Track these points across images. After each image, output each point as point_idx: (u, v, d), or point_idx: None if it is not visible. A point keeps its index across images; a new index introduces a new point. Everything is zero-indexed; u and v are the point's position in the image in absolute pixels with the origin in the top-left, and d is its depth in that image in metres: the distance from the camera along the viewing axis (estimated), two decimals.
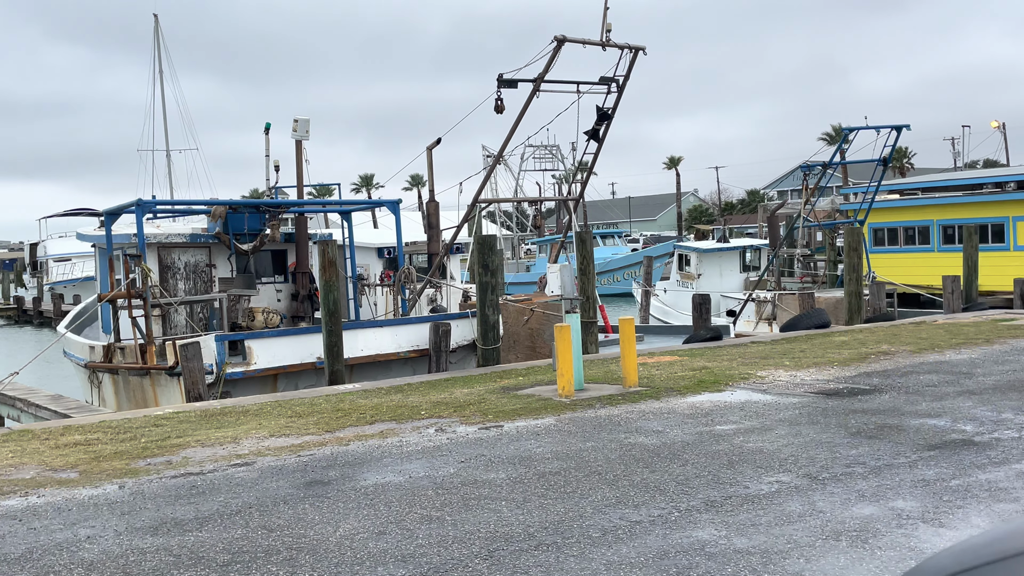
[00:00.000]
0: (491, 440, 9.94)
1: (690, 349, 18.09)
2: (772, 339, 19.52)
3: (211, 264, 20.16)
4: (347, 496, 7.72)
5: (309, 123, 20.62)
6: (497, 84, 19.79)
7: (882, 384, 12.91)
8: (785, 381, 13.47)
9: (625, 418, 11.00)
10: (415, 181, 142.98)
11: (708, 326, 19.87)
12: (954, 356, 15.69)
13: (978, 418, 10.18)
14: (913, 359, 15.52)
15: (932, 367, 14.47)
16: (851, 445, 9.03)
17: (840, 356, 16.17)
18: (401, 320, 17.52)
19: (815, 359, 15.89)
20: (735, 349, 17.81)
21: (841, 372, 14.30)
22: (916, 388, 12.44)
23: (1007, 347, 16.58)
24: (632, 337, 12.98)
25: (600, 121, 22.27)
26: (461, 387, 14.07)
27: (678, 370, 14.97)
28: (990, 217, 37.00)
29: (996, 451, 8.54)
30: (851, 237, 22.47)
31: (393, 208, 20.29)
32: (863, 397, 11.91)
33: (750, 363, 15.63)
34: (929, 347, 17.00)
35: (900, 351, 16.62)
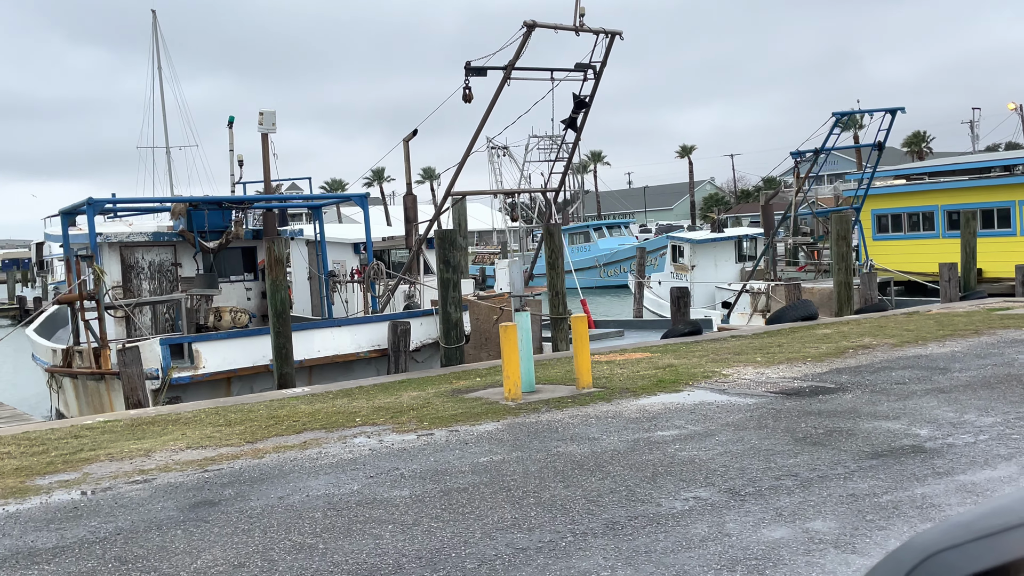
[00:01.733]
0: (414, 451, 9.34)
1: (664, 345, 17.43)
2: (753, 333, 18.82)
3: (176, 263, 19.66)
4: (229, 519, 7.14)
5: (275, 115, 20.06)
6: (465, 72, 19.14)
7: (850, 382, 12.22)
8: (749, 380, 12.81)
9: (566, 424, 10.38)
10: (427, 174, 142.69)
11: (686, 320, 19.17)
12: (936, 349, 14.97)
13: (937, 420, 9.50)
14: (892, 353, 14.81)
15: (909, 362, 13.76)
16: (791, 453, 8.38)
17: (817, 351, 15.47)
18: (360, 319, 16.96)
19: (790, 355, 15.21)
20: (710, 344, 17.13)
21: (812, 369, 13.61)
22: (884, 386, 11.75)
23: (994, 339, 15.83)
24: (584, 336, 12.34)
25: (577, 109, 21.59)
26: (412, 390, 13.48)
27: (642, 369, 14.32)
28: (996, 201, 36.03)
29: (943, 459, 7.87)
30: (839, 225, 21.69)
31: (360, 203, 19.70)
32: (824, 397, 11.23)
33: (721, 360, 14.96)
34: (913, 340, 16.27)
35: (882, 344, 15.90)
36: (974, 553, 1.47)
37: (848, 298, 21.56)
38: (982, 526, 1.50)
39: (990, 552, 1.46)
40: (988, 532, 1.48)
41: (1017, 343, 15.10)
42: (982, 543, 1.47)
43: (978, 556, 1.46)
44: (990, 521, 1.51)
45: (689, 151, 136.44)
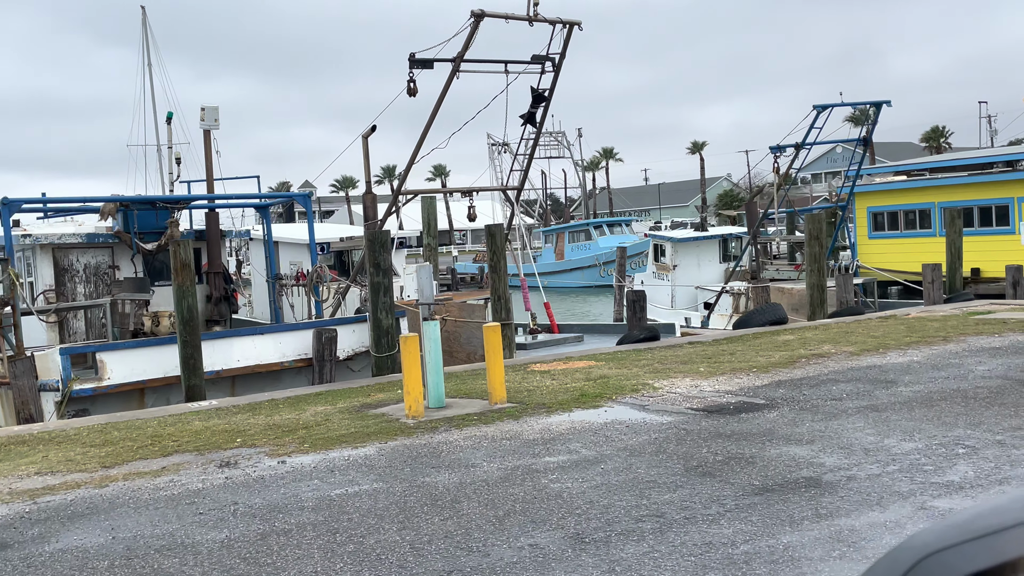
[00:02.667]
0: (270, 480, 8.48)
1: (613, 353, 16.49)
2: (713, 339, 17.84)
3: (114, 266, 18.86)
4: (4, 569, 6.29)
5: (217, 111, 19.23)
6: (409, 64, 18.24)
7: (784, 397, 11.27)
8: (679, 393, 11.87)
9: (456, 447, 9.49)
10: (438, 172, 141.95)
11: (643, 326, 18.21)
12: (896, 359, 13.98)
13: (852, 445, 8.54)
14: (846, 363, 13.83)
15: (859, 373, 12.79)
16: (671, 487, 7.45)
17: (768, 360, 14.51)
18: (285, 326, 16.11)
19: (737, 364, 14.25)
20: (661, 352, 16.18)
21: (752, 381, 12.66)
22: (817, 402, 10.79)
23: (961, 347, 14.82)
24: (497, 348, 11.44)
25: (536, 104, 20.66)
26: (322, 404, 12.63)
27: (573, 380, 13.40)
28: (994, 198, 34.79)
29: (833, 497, 6.93)
30: (811, 224, 20.65)
31: (304, 202, 18.84)
32: (747, 415, 10.29)
33: (662, 370, 14.02)
34: (875, 347, 15.27)
35: (840, 353, 14.92)
36: (970, 553, 1.48)
37: (822, 301, 20.53)
38: (979, 526, 1.51)
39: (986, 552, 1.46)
40: (984, 532, 1.49)
41: (981, 352, 14.09)
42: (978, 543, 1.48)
43: (974, 556, 1.47)
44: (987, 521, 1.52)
45: (700, 147, 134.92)
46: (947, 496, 6.77)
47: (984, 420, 9.35)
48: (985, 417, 9.49)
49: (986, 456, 7.89)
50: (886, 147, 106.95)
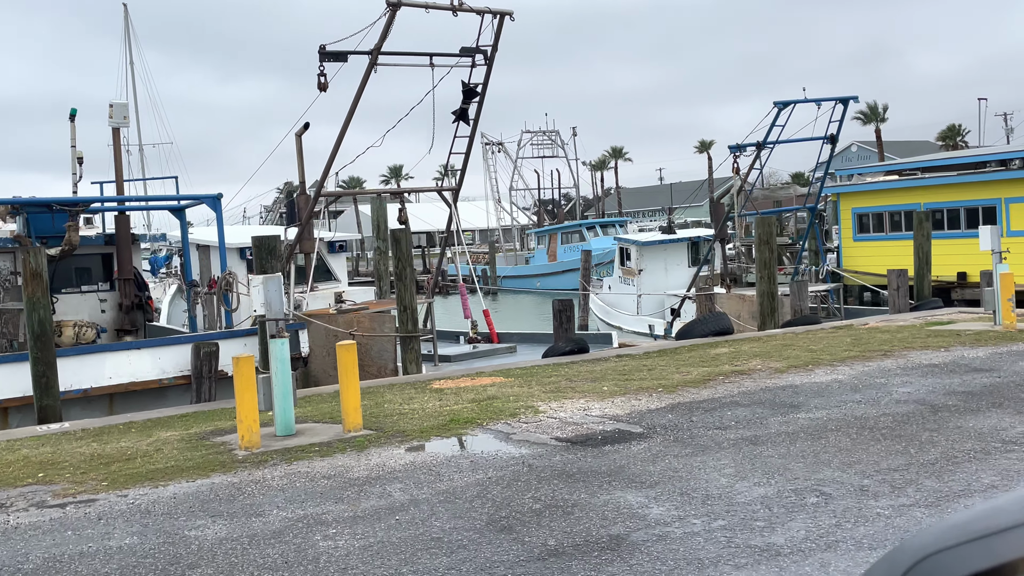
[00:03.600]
0: (18, 531, 7.36)
1: (529, 367, 15.31)
2: (645, 352, 16.62)
3: (16, 272, 17.80)
4: None
5: (127, 108, 18.15)
6: (319, 57, 17.10)
7: (667, 424, 10.07)
8: (559, 419, 10.69)
9: (263, 487, 8.37)
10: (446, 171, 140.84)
11: (570, 337, 16.99)
12: (820, 378, 12.76)
13: (696, 491, 7.35)
14: (764, 382, 12.62)
15: (769, 395, 11.58)
16: (453, 547, 6.30)
17: (684, 378, 13.30)
18: (163, 339, 14.99)
19: (648, 382, 13.06)
20: (577, 367, 14.99)
21: (650, 403, 11.47)
22: (698, 431, 9.59)
23: (897, 363, 13.60)
24: (350, 369, 10.28)
25: (467, 99, 19.52)
26: (174, 428, 11.53)
27: (457, 401, 12.24)
28: (981, 199, 33.33)
29: (621, 566, 5.77)
30: (762, 228, 19.36)
31: (213, 204, 17.73)
32: (611, 448, 9.10)
33: (564, 389, 12.84)
34: (806, 363, 14.05)
35: (765, 369, 13.70)
36: (969, 555, 1.47)
37: (772, 310, 19.25)
38: (977, 527, 1.51)
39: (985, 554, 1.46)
40: (983, 533, 1.49)
41: (914, 371, 12.84)
42: (977, 544, 1.48)
43: (973, 558, 1.47)
44: (985, 522, 1.52)
45: (708, 146, 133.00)
46: (753, 567, 5.57)
47: (864, 458, 8.13)
48: (868, 454, 8.27)
49: (835, 508, 6.69)
50: (902, 146, 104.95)
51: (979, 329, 16.81)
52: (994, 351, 14.21)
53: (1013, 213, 32.21)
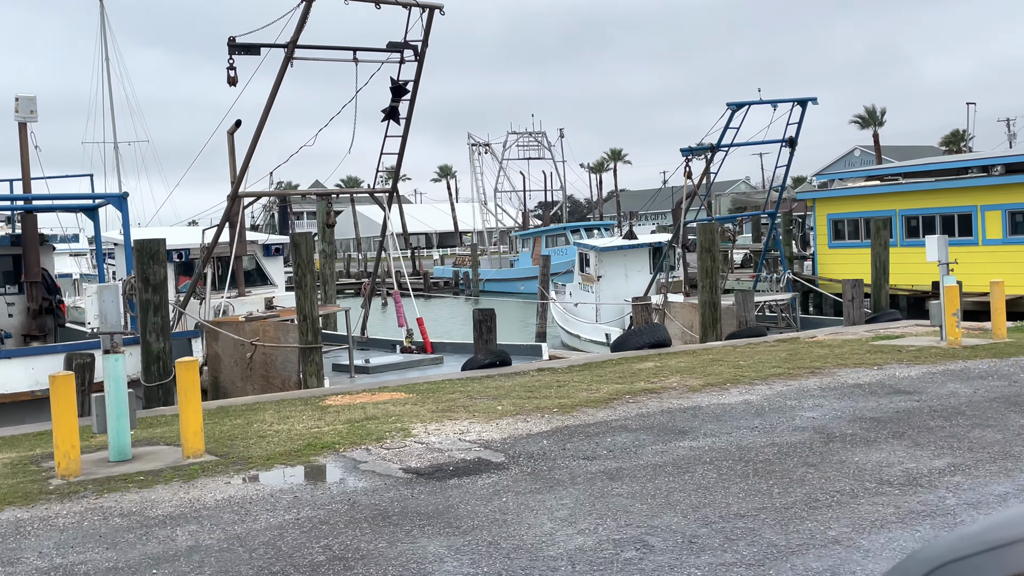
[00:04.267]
0: None
1: (437, 382, 14.40)
2: (568, 365, 15.67)
3: None
4: None
5: (35, 101, 17.22)
6: (228, 50, 16.18)
7: (536, 452, 9.16)
8: (427, 444, 9.79)
9: (46, 526, 7.50)
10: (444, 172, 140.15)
11: (490, 349, 16.03)
12: (731, 398, 11.86)
13: (510, 539, 6.45)
14: (672, 401, 11.70)
15: (665, 417, 10.66)
16: None
17: (589, 396, 12.38)
18: (36, 349, 14.07)
19: (549, 401, 12.15)
20: (484, 383, 14.06)
21: (535, 426, 10.56)
22: (562, 461, 8.69)
23: (820, 383, 12.69)
24: (191, 389, 9.35)
25: (397, 96, 18.59)
26: (12, 450, 10.61)
27: (333, 420, 11.34)
28: (957, 206, 32.31)
29: None
30: (704, 235, 18.41)
31: (119, 204, 16.81)
32: (456, 481, 8.21)
33: (453, 409, 11.94)
34: (726, 381, 13.13)
35: (679, 388, 12.78)
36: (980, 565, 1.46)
37: (714, 320, 18.30)
38: (989, 538, 1.50)
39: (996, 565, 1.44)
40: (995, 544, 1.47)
41: (833, 392, 11.91)
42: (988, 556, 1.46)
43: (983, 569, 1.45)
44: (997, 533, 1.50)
45: None
46: None
47: (718, 499, 7.20)
48: (725, 494, 7.34)
49: (646, 566, 5.79)
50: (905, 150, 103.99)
51: (923, 345, 15.85)
52: (928, 371, 13.26)
53: (988, 221, 31.19)
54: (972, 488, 7.20)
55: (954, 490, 7.17)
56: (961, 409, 10.38)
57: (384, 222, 20.50)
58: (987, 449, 8.46)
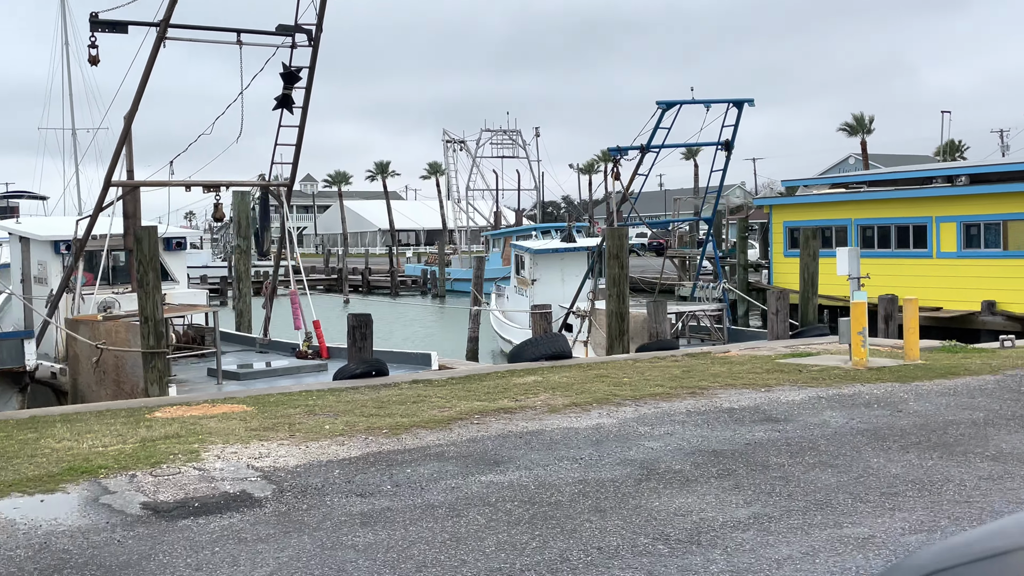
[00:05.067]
0: None
1: (290, 393, 13.25)
2: (447, 378, 14.49)
3: None
4: None
5: None
6: (91, 26, 14.99)
7: (314, 485, 8.05)
8: (205, 471, 8.67)
9: None
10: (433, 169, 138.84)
11: (364, 358, 14.86)
12: (585, 421, 10.82)
13: None
14: (520, 423, 10.62)
15: (496, 443, 9.59)
16: None
17: (438, 414, 11.28)
18: None
19: (393, 419, 11.09)
20: (339, 396, 12.95)
21: (345, 450, 9.48)
22: (332, 499, 7.57)
23: (691, 406, 11.60)
24: None
25: (289, 83, 17.43)
26: None
27: (136, 436, 10.17)
28: (912, 217, 31.18)
29: None
30: (611, 240, 17.26)
31: None
32: (186, 522, 7.09)
33: (275, 427, 10.82)
34: (594, 400, 12.08)
35: (543, 406, 11.72)
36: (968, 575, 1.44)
37: (621, 332, 17.15)
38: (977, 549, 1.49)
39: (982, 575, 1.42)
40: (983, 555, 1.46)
41: (697, 417, 10.82)
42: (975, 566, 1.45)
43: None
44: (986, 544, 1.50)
45: (695, 153, 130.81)
46: None
47: (453, 556, 6.08)
48: (471, 550, 6.23)
49: None
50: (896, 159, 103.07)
51: (829, 365, 14.72)
52: (815, 395, 12.13)
53: (943, 233, 30.07)
54: (753, 549, 6.07)
55: (731, 551, 6.03)
56: (818, 443, 9.25)
57: (284, 217, 19.33)
58: (809, 496, 7.33)
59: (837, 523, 6.59)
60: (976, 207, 29.28)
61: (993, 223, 28.68)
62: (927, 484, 7.59)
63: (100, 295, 18.53)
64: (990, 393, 12.02)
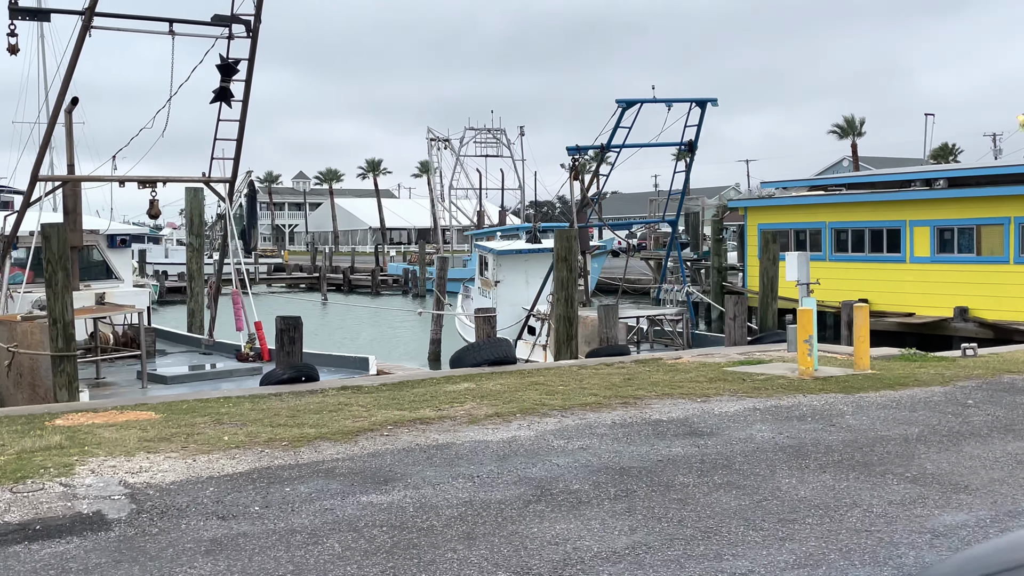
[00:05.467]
0: None
1: (207, 400, 12.64)
2: (379, 384, 13.89)
3: None
4: None
5: None
6: (9, 13, 14.36)
7: (178, 505, 7.47)
8: (70, 487, 8.13)
9: None
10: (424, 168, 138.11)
11: (292, 363, 14.26)
12: (505, 433, 10.26)
13: None
14: (434, 435, 10.03)
15: (397, 458, 9.01)
16: None
17: (354, 424, 10.71)
18: None
19: (303, 430, 10.50)
20: (257, 403, 12.33)
21: (235, 464, 8.87)
22: (189, 522, 7.00)
23: (620, 417, 11.04)
24: None
25: (226, 76, 16.82)
26: None
27: (15, 447, 9.52)
28: (885, 221, 30.62)
29: None
30: (561, 243, 16.67)
31: None
32: (15, 549, 6.49)
33: (174, 437, 10.25)
34: (521, 410, 11.51)
35: (464, 416, 11.15)
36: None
37: (569, 337, 16.56)
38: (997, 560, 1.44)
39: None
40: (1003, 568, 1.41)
41: (620, 430, 10.28)
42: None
43: None
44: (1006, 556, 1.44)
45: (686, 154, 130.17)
46: None
47: None
48: None
49: None
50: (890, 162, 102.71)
51: (776, 374, 14.15)
52: (751, 407, 11.57)
53: (917, 237, 29.51)
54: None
55: None
56: (733, 461, 8.67)
57: (229, 216, 18.71)
58: (701, 522, 6.75)
59: (718, 555, 6.02)
60: (950, 211, 28.74)
61: (967, 228, 28.14)
62: (831, 509, 7.01)
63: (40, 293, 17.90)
64: (934, 406, 11.45)
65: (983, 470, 8.15)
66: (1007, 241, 26.67)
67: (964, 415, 10.79)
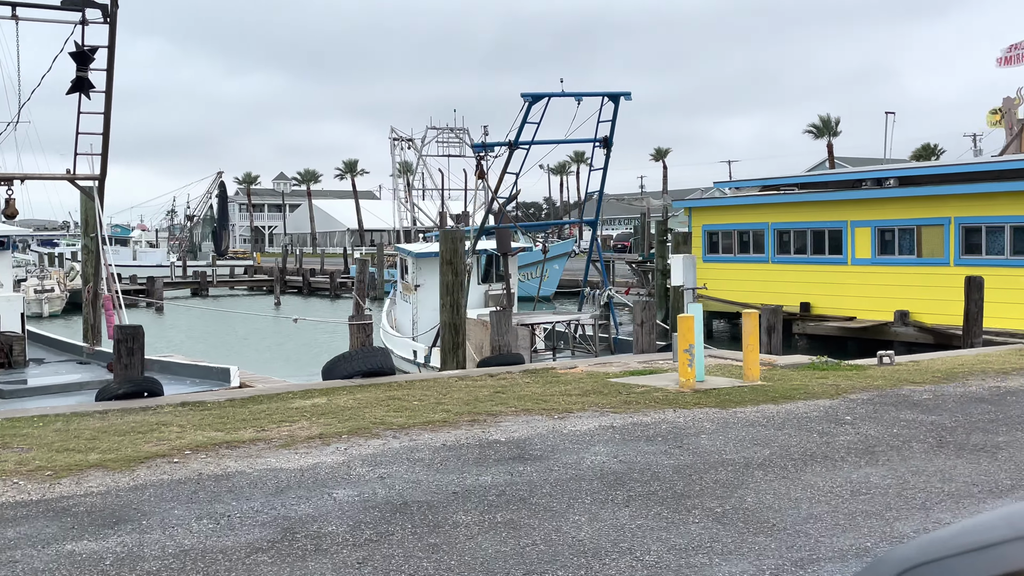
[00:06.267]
0: None
1: (29, 417, 11.38)
2: (225, 399, 12.69)
3: None
4: None
5: None
6: None
7: None
8: None
9: None
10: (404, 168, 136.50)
11: (130, 376, 13.05)
12: (314, 459, 9.23)
13: None
14: (233, 463, 8.95)
15: (169, 490, 7.96)
16: None
17: (156, 448, 9.59)
18: None
19: (89, 456, 9.36)
20: (67, 423, 11.16)
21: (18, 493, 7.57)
22: None
23: (454, 438, 10.02)
24: None
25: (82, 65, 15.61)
26: None
27: None
28: (827, 221, 29.57)
29: None
30: (445, 244, 15.51)
31: None
32: None
33: None
34: (352, 430, 10.42)
35: (288, 438, 9.96)
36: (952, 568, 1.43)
37: (455, 345, 15.39)
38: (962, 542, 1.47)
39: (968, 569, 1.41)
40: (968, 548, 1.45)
41: (443, 453, 9.20)
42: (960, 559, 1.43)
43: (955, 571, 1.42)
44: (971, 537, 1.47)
45: (664, 154, 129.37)
46: None
47: None
48: None
49: None
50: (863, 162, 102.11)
51: (658, 386, 13.04)
52: (607, 424, 10.47)
53: (858, 238, 28.46)
54: None
55: None
56: (536, 493, 7.54)
57: (99, 216, 17.48)
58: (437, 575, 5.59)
59: None
60: (892, 212, 27.73)
61: (907, 228, 27.12)
62: (597, 556, 5.88)
63: None
64: (804, 424, 10.34)
65: (807, 504, 7.03)
66: (947, 243, 25.67)
67: (831, 434, 9.67)
